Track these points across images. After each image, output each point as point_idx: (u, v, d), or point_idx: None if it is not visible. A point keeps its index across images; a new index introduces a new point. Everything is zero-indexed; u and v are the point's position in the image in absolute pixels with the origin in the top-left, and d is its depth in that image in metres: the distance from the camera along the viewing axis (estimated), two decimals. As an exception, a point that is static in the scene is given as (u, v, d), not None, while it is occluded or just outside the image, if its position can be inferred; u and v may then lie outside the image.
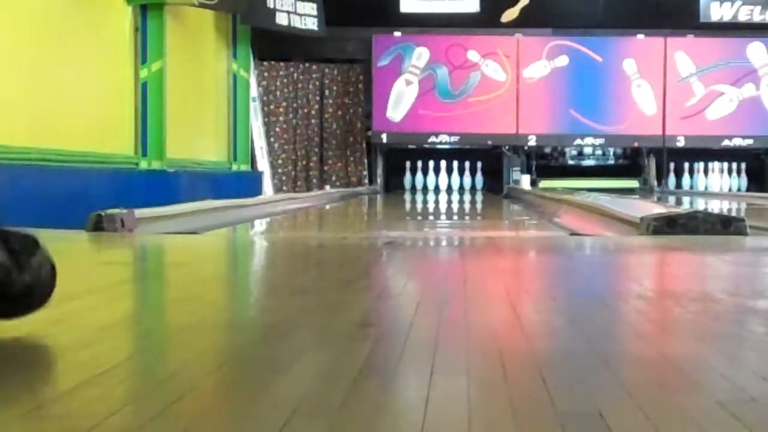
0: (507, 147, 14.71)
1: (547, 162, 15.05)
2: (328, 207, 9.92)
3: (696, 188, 14.84)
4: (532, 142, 14.63)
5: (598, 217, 5.62)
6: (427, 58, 14.61)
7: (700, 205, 9.92)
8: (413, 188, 15.04)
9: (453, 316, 1.78)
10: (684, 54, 14.63)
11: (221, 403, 1.11)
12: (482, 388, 1.14)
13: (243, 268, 3.01)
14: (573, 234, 4.72)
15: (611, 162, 15.07)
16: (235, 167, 13.03)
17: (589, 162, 15.04)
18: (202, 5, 10.83)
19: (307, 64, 14.83)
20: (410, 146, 14.75)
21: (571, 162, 15.06)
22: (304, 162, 14.91)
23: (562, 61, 14.65)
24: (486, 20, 14.57)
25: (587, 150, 15.00)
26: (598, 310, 1.89)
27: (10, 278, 1.56)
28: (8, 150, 6.69)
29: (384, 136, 14.62)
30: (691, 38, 14.65)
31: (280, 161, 14.78)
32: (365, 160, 14.94)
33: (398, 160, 15.11)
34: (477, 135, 14.56)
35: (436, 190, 14.87)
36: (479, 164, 15.10)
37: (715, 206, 9.26)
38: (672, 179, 15.10)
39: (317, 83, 14.90)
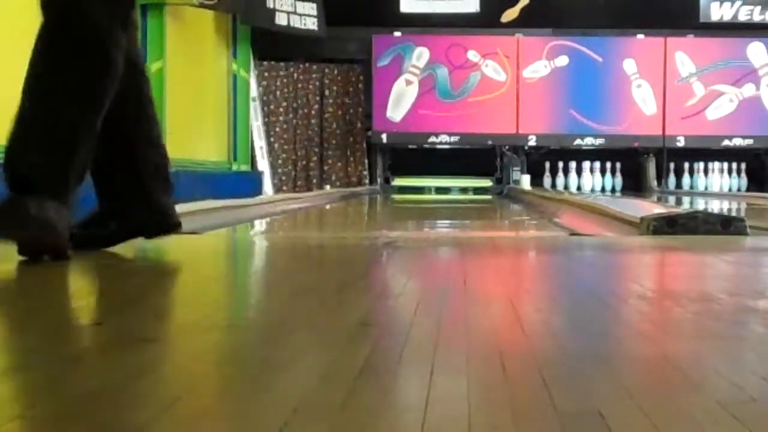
0: (507, 147, 14.72)
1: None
2: (328, 207, 9.92)
3: (696, 188, 14.84)
4: (532, 142, 14.64)
5: (598, 217, 5.62)
6: (427, 58, 14.61)
7: (700, 205, 9.92)
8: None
9: (453, 316, 1.78)
10: (684, 54, 14.63)
11: (221, 403, 1.11)
12: (482, 388, 1.14)
13: (243, 268, 3.02)
14: (573, 234, 4.72)
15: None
16: (235, 167, 13.03)
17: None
18: (202, 5, 10.83)
19: (307, 64, 14.83)
20: (410, 146, 14.75)
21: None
22: (304, 162, 14.91)
23: (562, 61, 14.65)
24: (486, 20, 14.57)
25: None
26: (598, 310, 1.89)
27: None
28: (8, 150, 6.68)
29: (384, 136, 14.62)
30: (691, 38, 14.66)
31: (280, 161, 14.78)
32: (365, 160, 14.94)
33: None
34: (477, 135, 14.56)
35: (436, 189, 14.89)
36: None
37: (715, 206, 9.26)
38: (672, 179, 15.10)
39: (317, 83, 14.90)
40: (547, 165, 15.07)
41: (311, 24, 13.50)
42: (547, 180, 15.02)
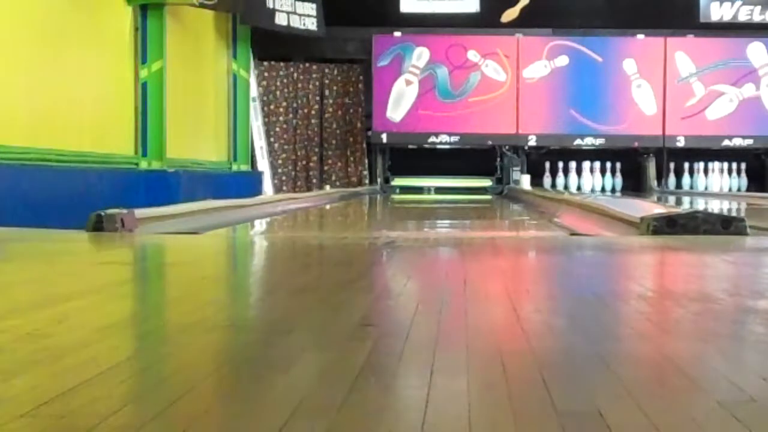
0: (507, 147, 14.72)
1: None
2: (328, 207, 9.92)
3: (696, 188, 14.84)
4: (532, 142, 14.65)
5: (598, 217, 5.62)
6: (427, 58, 14.61)
7: (700, 205, 9.92)
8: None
9: (453, 316, 1.78)
10: (684, 54, 14.63)
11: (221, 403, 1.11)
12: (482, 388, 1.14)
13: (243, 268, 3.02)
14: (573, 234, 4.72)
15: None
16: (235, 167, 13.03)
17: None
18: (202, 5, 10.83)
19: (307, 64, 14.83)
20: (410, 146, 14.76)
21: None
22: (304, 162, 14.91)
23: (562, 61, 14.65)
24: (486, 20, 14.57)
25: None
26: (599, 310, 1.89)
27: None
28: (8, 150, 6.69)
29: (384, 136, 14.61)
30: (691, 38, 14.65)
31: (280, 161, 14.78)
32: (365, 160, 14.94)
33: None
34: (477, 135, 14.56)
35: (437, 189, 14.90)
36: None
37: (715, 206, 9.26)
38: (672, 179, 15.10)
39: (317, 83, 14.90)
40: (547, 165, 15.07)
41: (311, 24, 13.50)
42: (547, 180, 15.03)
